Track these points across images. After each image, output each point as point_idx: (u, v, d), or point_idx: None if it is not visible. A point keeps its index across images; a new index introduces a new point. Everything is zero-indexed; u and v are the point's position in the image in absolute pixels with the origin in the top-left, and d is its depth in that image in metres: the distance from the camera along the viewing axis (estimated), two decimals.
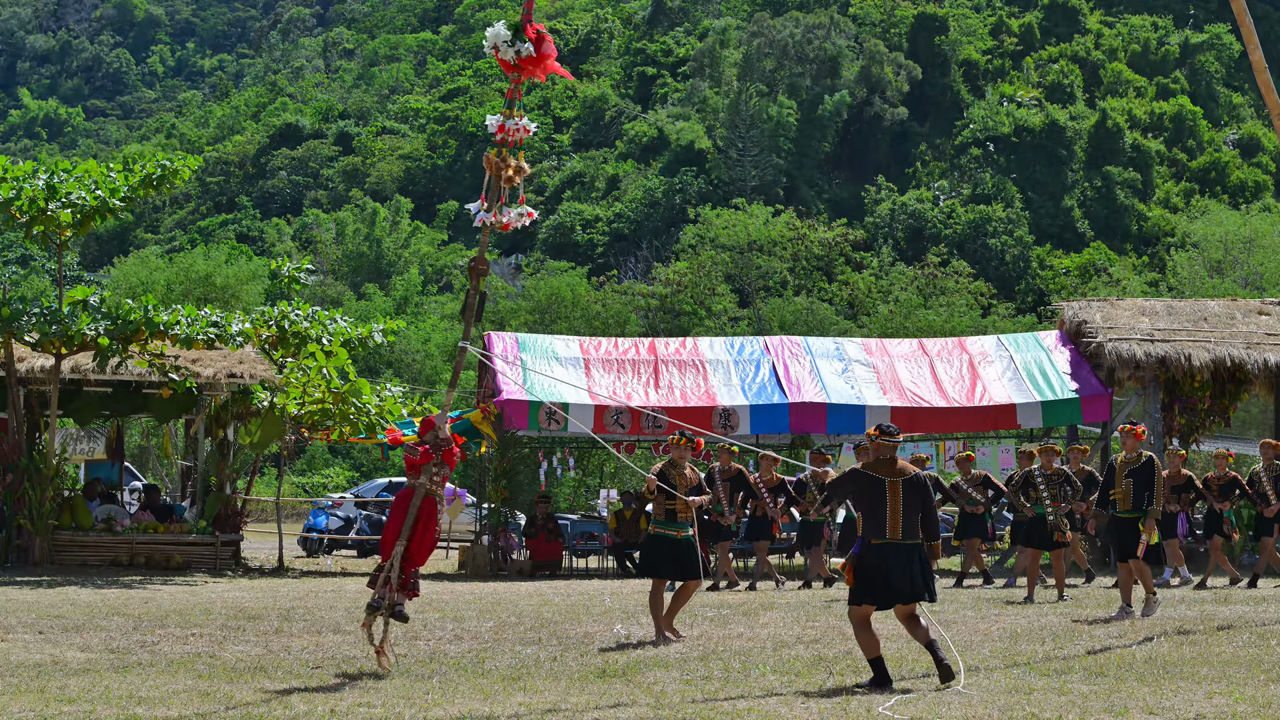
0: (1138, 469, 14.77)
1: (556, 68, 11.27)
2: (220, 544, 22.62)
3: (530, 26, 11.05)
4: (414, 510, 11.08)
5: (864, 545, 10.17)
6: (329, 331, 22.95)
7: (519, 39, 11.01)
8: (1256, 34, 14.07)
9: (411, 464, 11.27)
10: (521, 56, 11.03)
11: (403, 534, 11.04)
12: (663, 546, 12.87)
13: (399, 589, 11.08)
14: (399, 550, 11.00)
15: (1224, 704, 9.13)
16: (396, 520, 11.24)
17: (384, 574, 11.02)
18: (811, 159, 77.84)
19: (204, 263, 54.34)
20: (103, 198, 21.34)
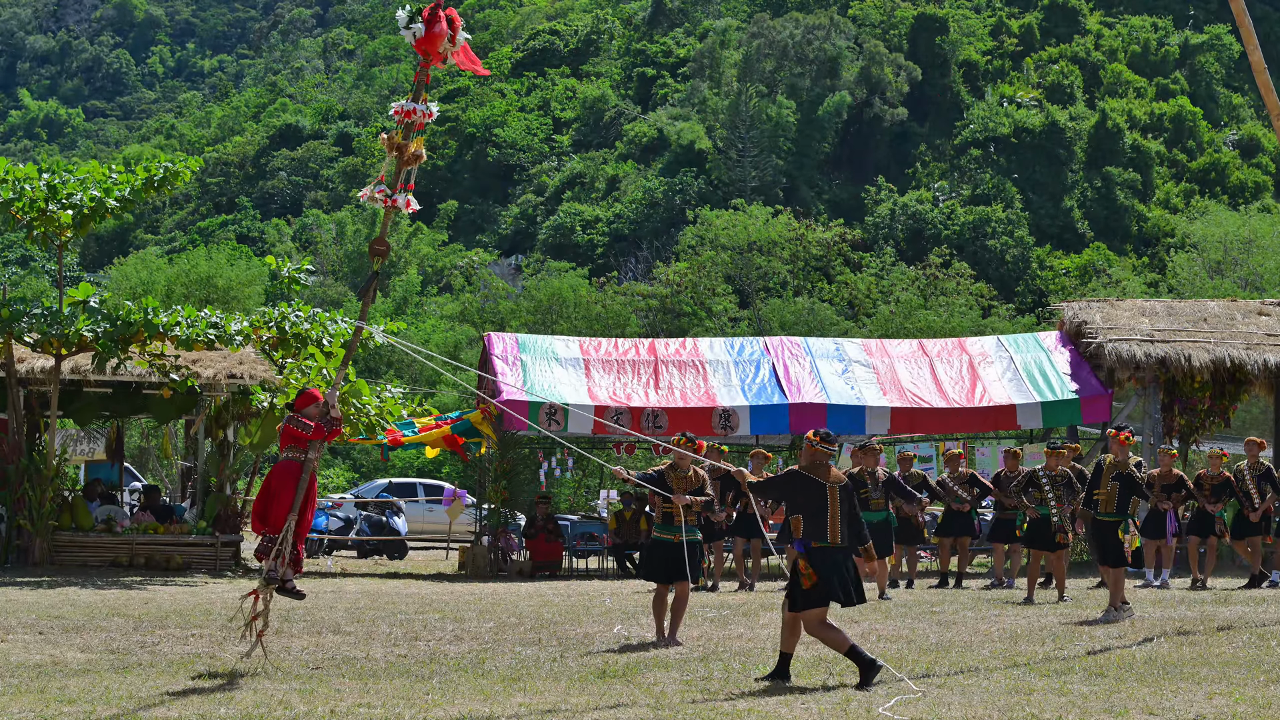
0: (1125, 474, 14.73)
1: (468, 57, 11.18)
2: (220, 545, 22.62)
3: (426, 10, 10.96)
4: (304, 486, 11.12)
5: (809, 549, 10.27)
6: (329, 333, 22.94)
7: (414, 21, 10.96)
8: (1256, 35, 14.07)
9: (299, 437, 11.23)
10: (418, 37, 11.00)
11: (294, 509, 11.05)
12: (658, 549, 12.84)
13: (290, 564, 11.10)
14: (291, 524, 11.03)
15: (1224, 704, 9.13)
16: (284, 493, 11.16)
17: (276, 547, 11.03)
18: (811, 160, 77.86)
19: (205, 264, 54.33)
20: (100, 198, 21.35)
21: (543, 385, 23.47)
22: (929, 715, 8.86)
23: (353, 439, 23.98)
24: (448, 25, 10.94)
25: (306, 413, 11.36)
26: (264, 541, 11.30)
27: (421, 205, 43.67)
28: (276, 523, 11.18)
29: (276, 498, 11.23)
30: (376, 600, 17.40)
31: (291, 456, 11.29)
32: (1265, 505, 19.23)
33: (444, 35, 10.96)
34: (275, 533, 11.14)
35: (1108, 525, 14.75)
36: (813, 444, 10.51)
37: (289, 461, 11.30)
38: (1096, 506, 14.90)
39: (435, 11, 10.93)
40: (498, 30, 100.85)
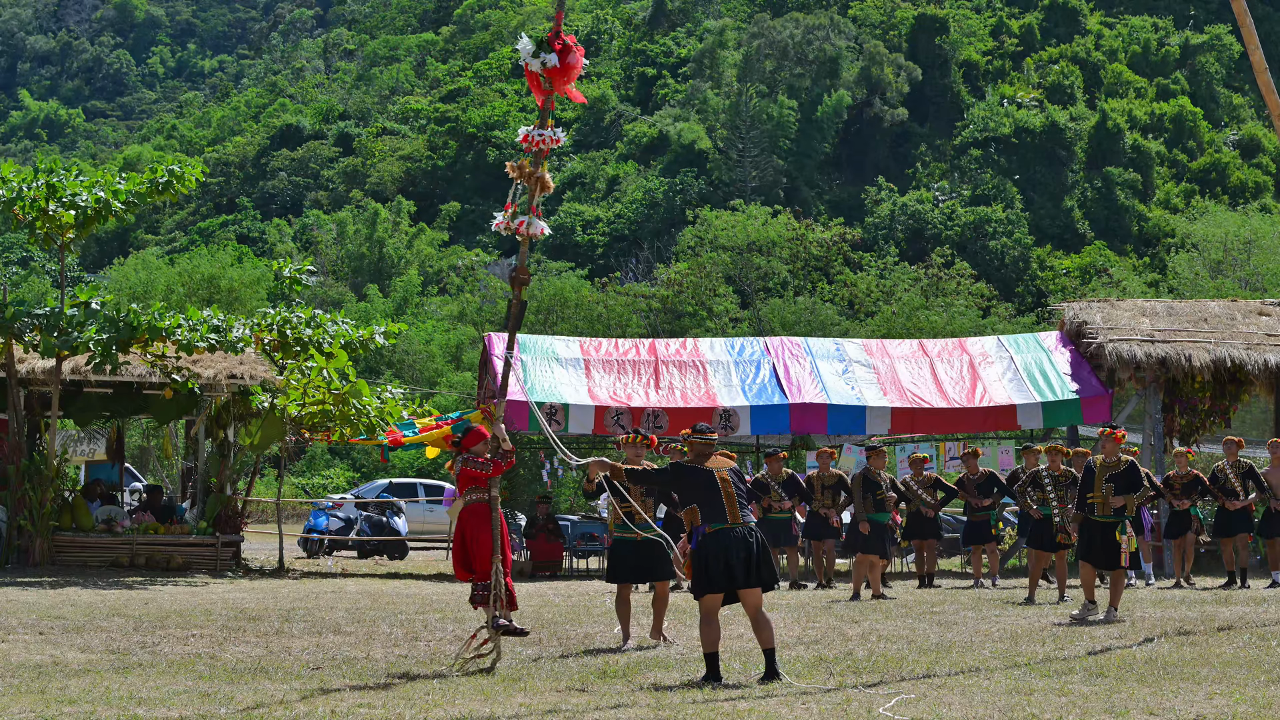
0: (1118, 474, 14.56)
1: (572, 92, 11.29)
2: (221, 545, 22.62)
3: (558, 38, 11.06)
4: (498, 522, 11.22)
5: (702, 535, 10.38)
6: (330, 335, 22.96)
7: (544, 50, 11.01)
8: (1256, 34, 14.08)
9: (479, 477, 11.27)
10: (548, 68, 11.07)
11: (496, 550, 11.13)
12: (621, 549, 12.73)
13: (509, 604, 11.18)
14: (498, 566, 11.10)
15: (1224, 705, 9.13)
16: (482, 536, 11.21)
17: (491, 593, 11.09)
18: (812, 160, 77.86)
19: (206, 264, 54.29)
20: (105, 200, 21.39)
21: (543, 385, 23.48)
22: (929, 715, 8.86)
23: (353, 440, 23.98)
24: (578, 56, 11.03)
25: (476, 450, 11.38)
26: (476, 590, 11.32)
27: (422, 206, 43.98)
28: (483, 568, 11.23)
29: (476, 542, 11.28)
30: (377, 600, 17.40)
31: (476, 499, 11.35)
32: (1248, 502, 19.36)
33: (579, 69, 11.10)
34: (484, 579, 11.20)
35: (1103, 526, 14.63)
36: (691, 438, 10.91)
37: (476, 504, 11.36)
38: (1092, 509, 14.76)
39: (567, 44, 10.98)
40: (498, 30, 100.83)
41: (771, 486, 20.22)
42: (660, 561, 12.52)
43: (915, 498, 20.48)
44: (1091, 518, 14.78)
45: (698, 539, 10.41)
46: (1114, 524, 14.54)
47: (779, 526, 20.16)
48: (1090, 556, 14.74)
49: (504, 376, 11.58)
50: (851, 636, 13.11)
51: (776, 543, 20.21)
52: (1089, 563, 14.72)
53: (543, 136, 11.20)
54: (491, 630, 11.05)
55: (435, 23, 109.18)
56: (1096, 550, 14.70)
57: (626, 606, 12.68)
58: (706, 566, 10.31)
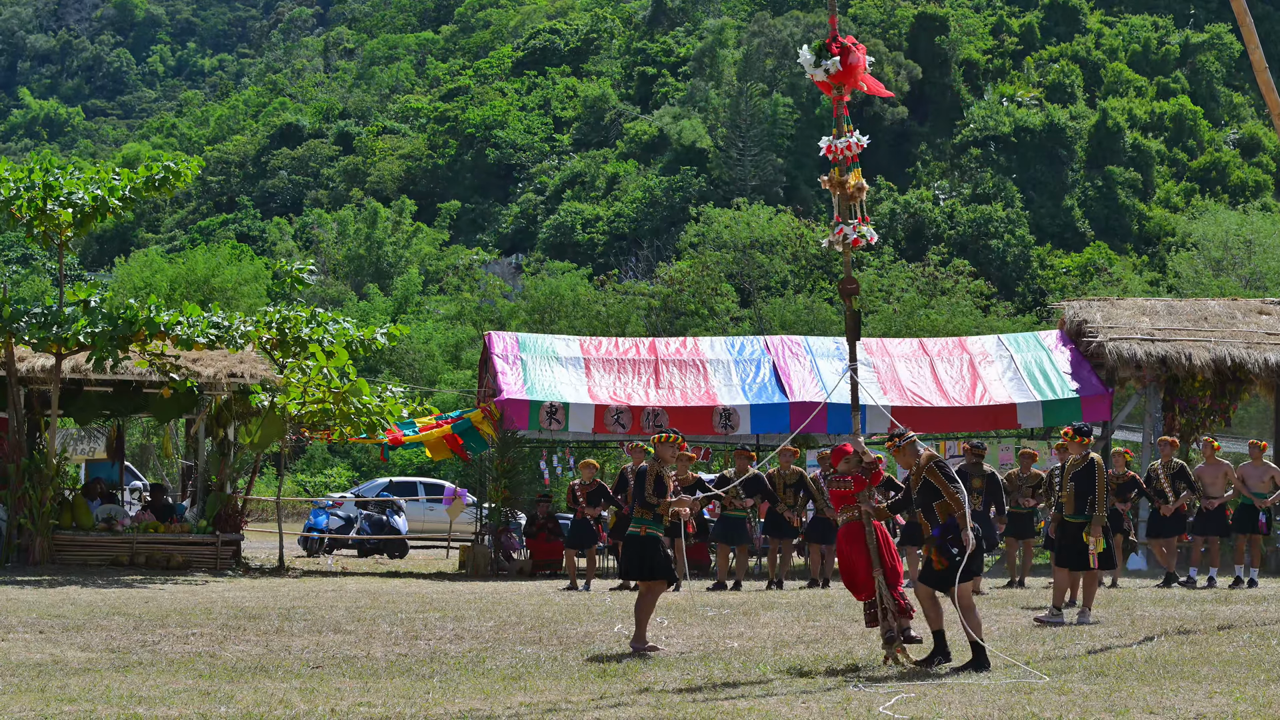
0: (1079, 472, 14.48)
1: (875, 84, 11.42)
2: (221, 544, 22.62)
3: (834, 43, 11.27)
4: (873, 537, 11.35)
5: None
6: (330, 334, 22.95)
7: (823, 57, 11.22)
8: (1256, 34, 14.08)
9: (847, 495, 11.45)
10: (831, 73, 11.28)
11: (875, 563, 11.29)
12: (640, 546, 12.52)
13: (899, 614, 11.25)
14: (879, 579, 11.26)
15: (1224, 704, 9.13)
16: (857, 557, 11.40)
17: (880, 607, 11.26)
18: (812, 159, 77.77)
19: (205, 263, 54.24)
20: (102, 197, 21.36)
21: (543, 384, 23.47)
22: (929, 715, 8.86)
23: (353, 438, 23.98)
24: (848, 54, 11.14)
25: (841, 469, 11.64)
26: (868, 609, 11.54)
27: (422, 205, 43.98)
28: (868, 586, 11.42)
29: (854, 564, 11.49)
30: (377, 599, 17.40)
31: (849, 518, 11.52)
32: (1179, 503, 19.34)
33: (863, 64, 11.31)
34: (871, 596, 11.41)
35: (1071, 526, 14.53)
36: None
37: (848, 524, 11.53)
38: (1062, 509, 14.74)
39: (845, 45, 11.18)
40: (498, 29, 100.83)
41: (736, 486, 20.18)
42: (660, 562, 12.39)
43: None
44: (1064, 518, 14.73)
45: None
46: (1082, 524, 14.39)
47: (735, 524, 20.18)
48: (1060, 558, 14.67)
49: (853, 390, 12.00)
50: (851, 636, 13.11)
51: (731, 540, 20.21)
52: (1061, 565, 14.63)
53: (847, 144, 11.32)
54: (887, 644, 11.21)
55: (435, 21, 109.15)
56: (1065, 551, 14.59)
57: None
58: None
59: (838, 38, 11.31)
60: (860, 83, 11.43)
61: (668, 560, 12.41)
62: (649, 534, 12.42)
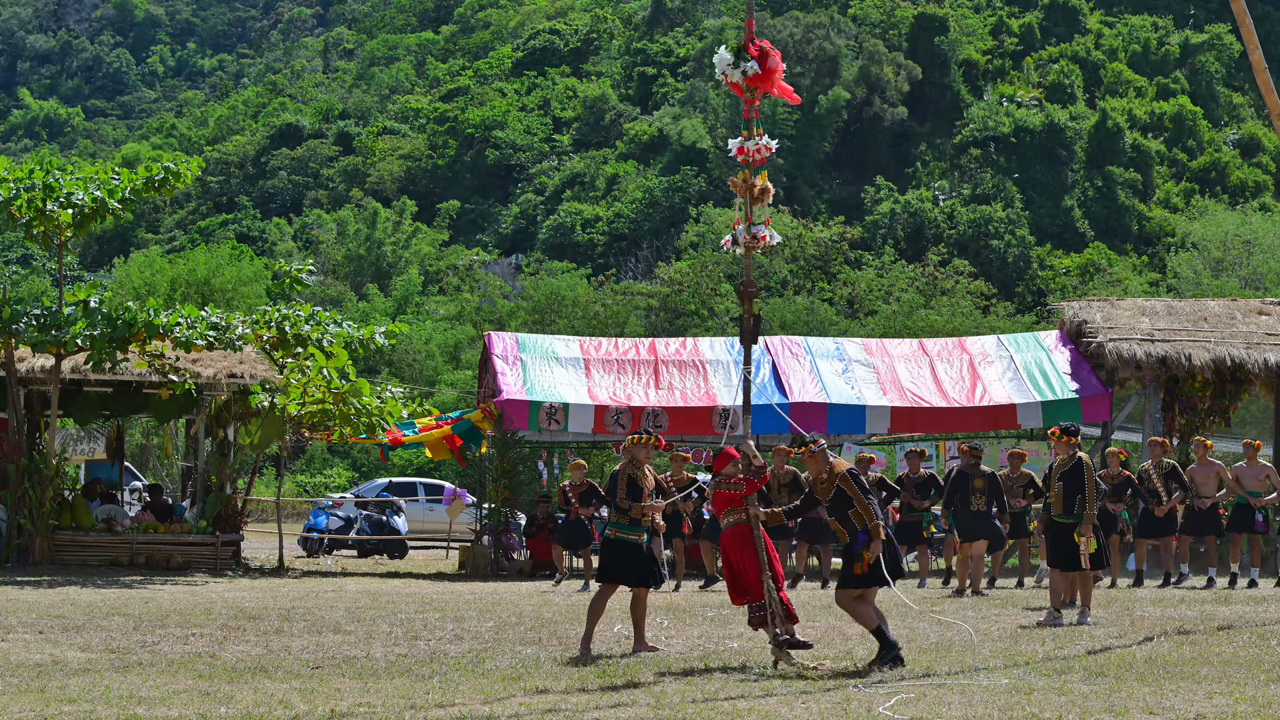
0: (1067, 472, 14.36)
1: (785, 88, 11.43)
2: (220, 544, 22.63)
3: (752, 46, 11.23)
4: (761, 540, 11.25)
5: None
6: (329, 334, 22.95)
7: (742, 59, 11.19)
8: (1256, 34, 14.08)
9: (735, 498, 11.30)
10: (748, 76, 11.25)
11: (763, 568, 11.19)
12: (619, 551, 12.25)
13: (787, 618, 11.20)
14: (769, 584, 11.16)
15: (1224, 704, 9.13)
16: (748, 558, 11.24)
17: (769, 611, 11.15)
18: (811, 159, 77.83)
19: (206, 263, 54.22)
20: (102, 198, 21.37)
21: (543, 385, 23.48)
22: (929, 715, 8.86)
23: (353, 439, 23.97)
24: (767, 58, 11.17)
25: (727, 472, 11.45)
26: (753, 612, 11.37)
27: (421, 205, 44.01)
28: (755, 589, 11.27)
29: (743, 565, 11.32)
30: (377, 599, 17.40)
31: (735, 520, 11.38)
32: (1172, 503, 19.36)
33: (780, 71, 11.30)
34: (758, 599, 11.25)
35: (1060, 526, 14.41)
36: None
37: (737, 527, 11.37)
38: (1051, 509, 14.65)
39: (763, 49, 11.17)
40: (498, 30, 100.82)
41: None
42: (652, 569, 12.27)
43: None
44: (1051, 519, 14.64)
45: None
46: (1071, 524, 14.29)
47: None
48: (1053, 559, 14.60)
49: (744, 391, 11.66)
50: (851, 636, 13.11)
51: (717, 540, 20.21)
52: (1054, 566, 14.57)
53: (758, 146, 11.32)
54: (776, 648, 11.12)
55: (435, 22, 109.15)
56: (1057, 552, 14.49)
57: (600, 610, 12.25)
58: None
59: (754, 40, 11.25)
60: (774, 87, 11.41)
61: (638, 564, 12.15)
62: (618, 538, 12.27)
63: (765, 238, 11.64)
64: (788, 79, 11.98)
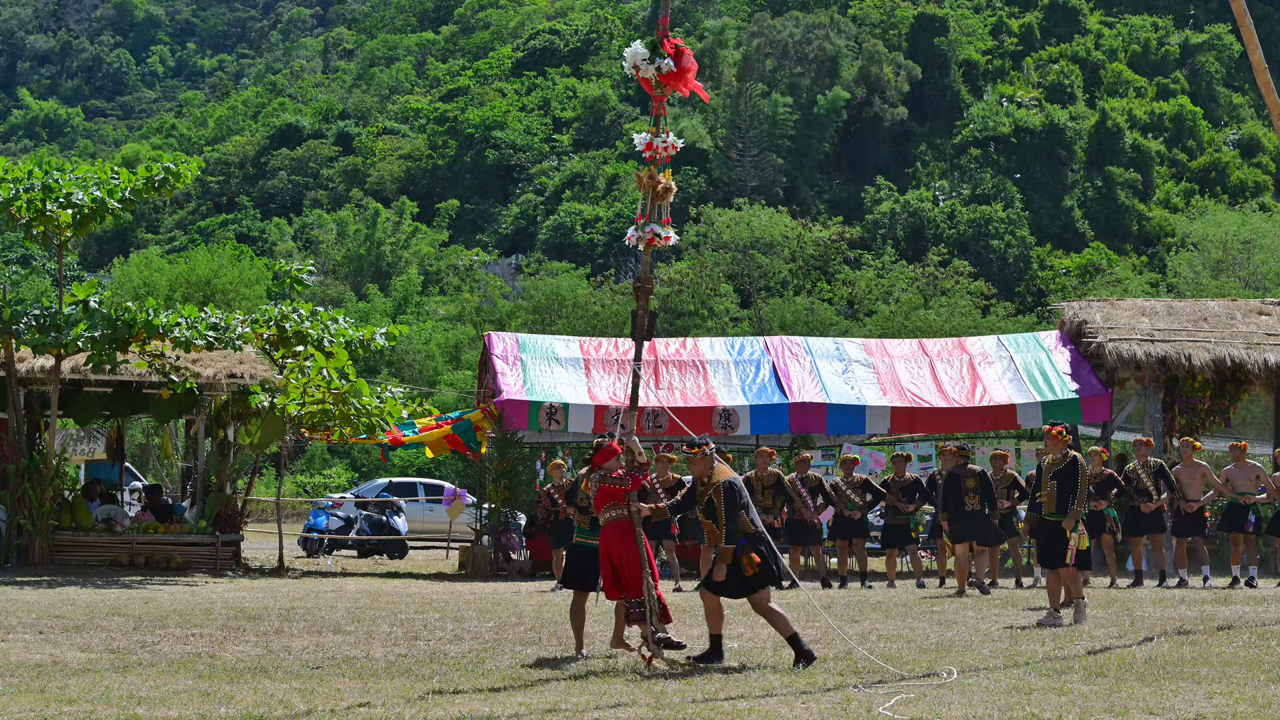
0: (1061, 470, 14.33)
1: (697, 86, 11.38)
2: (220, 544, 22.62)
3: (667, 42, 11.19)
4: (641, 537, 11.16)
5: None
6: (330, 333, 22.94)
7: (658, 55, 11.11)
8: (1256, 34, 14.08)
9: (615, 494, 11.20)
10: (662, 73, 11.21)
11: (644, 566, 11.10)
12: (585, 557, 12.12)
13: (662, 616, 11.16)
14: (647, 579, 11.08)
15: (1224, 704, 9.13)
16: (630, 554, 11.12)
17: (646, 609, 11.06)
18: (811, 159, 77.86)
19: (206, 264, 54.24)
20: (101, 199, 21.37)
21: (543, 385, 23.47)
22: (929, 715, 8.86)
23: (353, 439, 23.96)
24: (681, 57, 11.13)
25: (609, 467, 11.34)
26: (633, 607, 11.21)
27: (422, 205, 43.84)
28: (635, 586, 11.16)
29: (625, 560, 11.19)
30: (377, 600, 17.40)
31: (616, 515, 11.26)
32: (1160, 502, 19.47)
33: (694, 70, 11.28)
34: (636, 596, 11.14)
35: (1052, 525, 14.36)
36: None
37: (619, 521, 11.26)
38: (1041, 508, 14.58)
39: (679, 48, 11.14)
40: (498, 30, 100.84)
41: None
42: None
43: (843, 499, 20.55)
44: (1041, 517, 14.62)
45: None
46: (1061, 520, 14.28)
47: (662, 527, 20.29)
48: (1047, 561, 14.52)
49: (633, 388, 11.63)
50: (851, 636, 13.10)
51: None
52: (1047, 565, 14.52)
53: (666, 144, 11.30)
54: (652, 646, 11.05)
55: (435, 22, 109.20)
56: (1051, 553, 14.40)
57: (582, 614, 12.09)
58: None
59: (668, 38, 11.20)
60: (685, 87, 11.37)
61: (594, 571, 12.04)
62: (579, 543, 12.31)
63: (668, 238, 11.52)
64: (788, 79, 11.93)
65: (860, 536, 20.83)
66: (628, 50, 11.32)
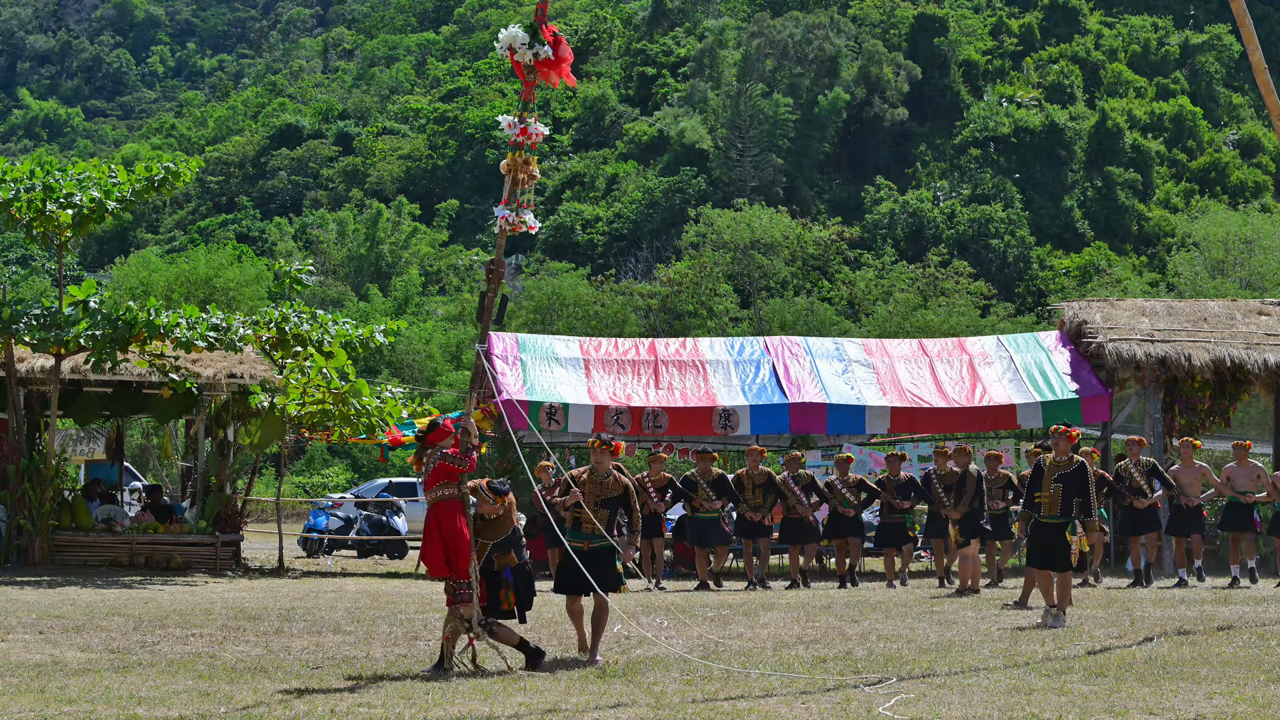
0: (1068, 474, 14.20)
1: (569, 76, 11.29)
2: (220, 544, 22.61)
3: (546, 29, 10.99)
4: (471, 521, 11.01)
5: None
6: (329, 334, 22.94)
7: (537, 41, 10.93)
8: (1256, 35, 14.08)
9: (454, 472, 10.98)
10: (539, 59, 11.06)
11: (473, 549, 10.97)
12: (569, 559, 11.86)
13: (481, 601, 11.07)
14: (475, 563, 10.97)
15: (1224, 704, 9.13)
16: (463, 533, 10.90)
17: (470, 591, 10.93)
18: (811, 159, 77.84)
19: (207, 264, 54.22)
20: (100, 199, 21.38)
21: (543, 385, 23.47)
22: (929, 715, 8.86)
23: (353, 439, 23.96)
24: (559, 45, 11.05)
25: (445, 445, 11.12)
26: (461, 588, 10.91)
27: (421, 205, 43.85)
28: (464, 566, 10.91)
29: (456, 538, 10.88)
30: (377, 600, 17.40)
31: (449, 494, 10.98)
32: (1153, 500, 19.51)
33: (570, 59, 11.17)
34: (463, 577, 10.89)
35: (1052, 528, 14.23)
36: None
37: (451, 500, 10.98)
38: (1039, 509, 14.34)
39: (557, 35, 11.01)
40: (498, 30, 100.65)
41: (700, 485, 20.29)
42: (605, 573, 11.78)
43: (838, 497, 20.60)
44: (1039, 518, 14.39)
45: None
46: (1062, 524, 14.20)
47: (707, 526, 20.30)
48: (1039, 560, 14.33)
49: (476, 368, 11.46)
50: (851, 636, 13.11)
51: (706, 542, 20.28)
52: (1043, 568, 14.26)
53: (537, 129, 11.21)
54: (478, 628, 10.92)
55: (435, 22, 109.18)
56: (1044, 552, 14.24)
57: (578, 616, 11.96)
58: None
59: (546, 24, 11.06)
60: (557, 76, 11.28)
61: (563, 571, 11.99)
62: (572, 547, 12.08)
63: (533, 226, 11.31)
64: (787, 79, 11.86)
65: (855, 535, 20.88)
66: (504, 32, 11.09)
